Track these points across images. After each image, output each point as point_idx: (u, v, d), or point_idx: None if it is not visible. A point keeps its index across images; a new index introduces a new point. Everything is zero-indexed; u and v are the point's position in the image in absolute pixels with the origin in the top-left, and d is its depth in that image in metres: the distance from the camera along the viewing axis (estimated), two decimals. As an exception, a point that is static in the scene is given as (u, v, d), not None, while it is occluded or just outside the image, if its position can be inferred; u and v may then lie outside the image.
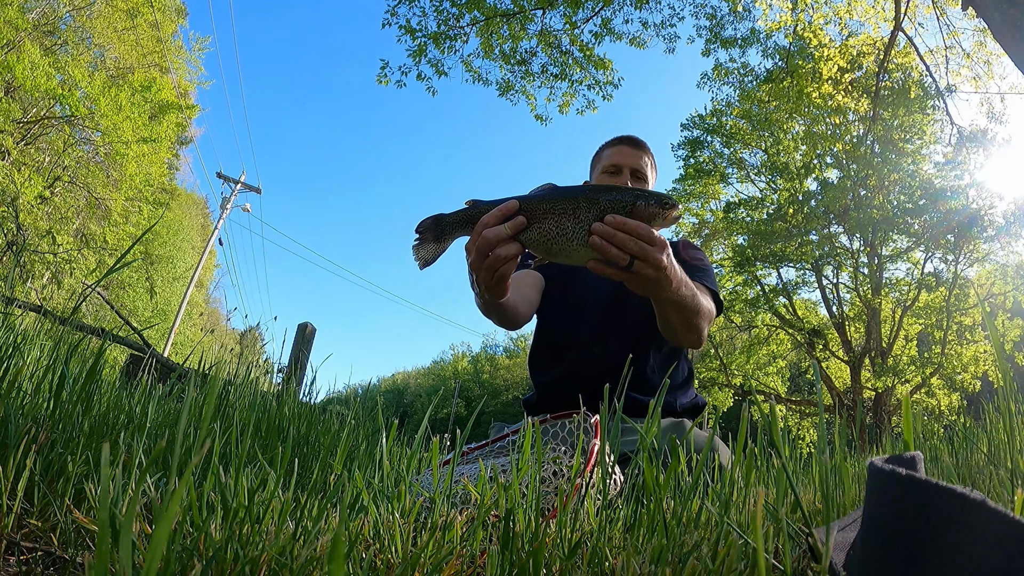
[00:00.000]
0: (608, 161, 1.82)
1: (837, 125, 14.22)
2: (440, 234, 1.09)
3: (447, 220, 1.09)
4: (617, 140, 1.88)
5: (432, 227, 1.10)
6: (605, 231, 0.95)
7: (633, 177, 1.79)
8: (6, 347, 1.03)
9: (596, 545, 0.60)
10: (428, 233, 1.10)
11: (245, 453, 0.67)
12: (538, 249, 1.01)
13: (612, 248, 0.94)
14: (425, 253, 1.10)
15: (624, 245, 0.94)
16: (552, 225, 0.99)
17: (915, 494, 0.33)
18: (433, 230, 1.10)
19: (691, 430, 0.87)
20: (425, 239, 1.11)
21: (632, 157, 1.80)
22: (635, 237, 0.94)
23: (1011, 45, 4.35)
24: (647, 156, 1.84)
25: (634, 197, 1.00)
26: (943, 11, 8.86)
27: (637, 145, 1.85)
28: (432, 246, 1.10)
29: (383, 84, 8.81)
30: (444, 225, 1.09)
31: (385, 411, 1.59)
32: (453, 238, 1.10)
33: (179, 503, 0.27)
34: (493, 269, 1.00)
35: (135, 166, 13.52)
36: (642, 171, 1.80)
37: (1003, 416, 1.01)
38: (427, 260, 1.11)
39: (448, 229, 1.09)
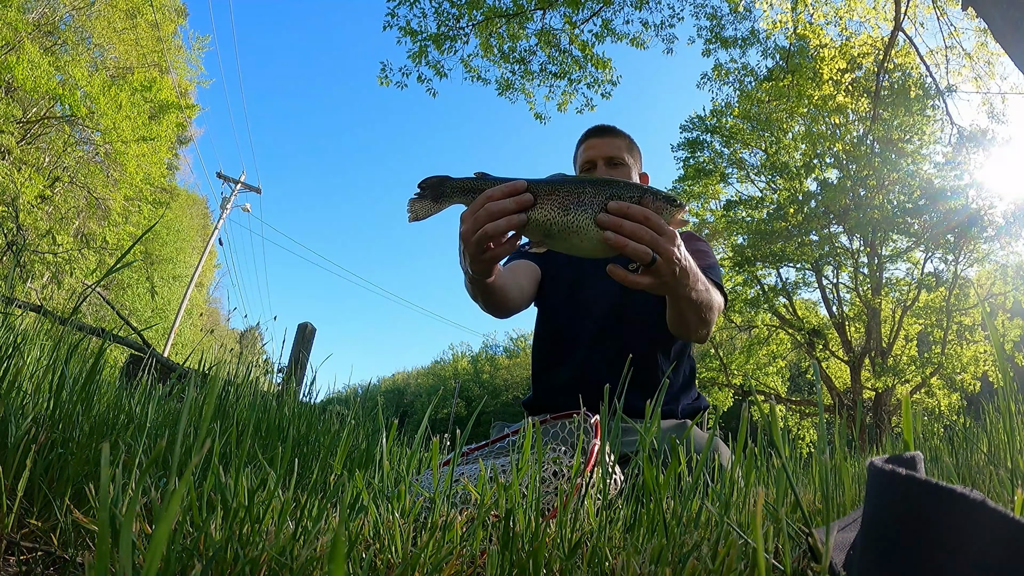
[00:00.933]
0: (582, 159, 1.73)
1: (837, 125, 14.22)
2: (440, 195, 1.08)
3: (451, 183, 1.08)
4: (585, 135, 1.77)
5: (435, 186, 1.09)
6: (612, 220, 0.91)
7: (609, 165, 1.69)
8: (6, 347, 1.03)
9: (596, 545, 0.60)
10: (429, 191, 1.09)
11: (245, 453, 0.67)
12: (537, 231, 0.99)
13: (627, 240, 0.90)
14: (419, 208, 1.09)
15: (634, 234, 0.91)
16: (555, 208, 0.97)
17: (915, 494, 0.33)
18: (435, 189, 1.08)
19: (690, 429, 0.86)
20: (424, 195, 1.09)
21: (603, 147, 1.70)
22: (644, 225, 0.91)
23: (1011, 45, 4.35)
24: (620, 140, 1.73)
25: (641, 191, 0.97)
26: (943, 11, 8.86)
27: (606, 132, 1.74)
28: (428, 203, 1.08)
29: (384, 85, 8.83)
30: (447, 187, 1.08)
31: (385, 411, 1.59)
32: (451, 203, 1.08)
33: (179, 503, 0.27)
34: (483, 241, 0.98)
35: (135, 166, 13.53)
36: (617, 157, 1.70)
37: (1003, 416, 1.01)
38: (418, 215, 1.09)
39: (450, 192, 1.08)
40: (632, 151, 1.75)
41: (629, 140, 1.76)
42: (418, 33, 8.68)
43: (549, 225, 0.97)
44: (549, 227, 0.97)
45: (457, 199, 1.07)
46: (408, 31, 8.66)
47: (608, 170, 1.67)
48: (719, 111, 15.53)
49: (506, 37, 8.90)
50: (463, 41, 8.88)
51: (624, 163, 1.70)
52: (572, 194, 0.97)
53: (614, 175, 1.65)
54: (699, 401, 1.69)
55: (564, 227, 0.96)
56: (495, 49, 8.98)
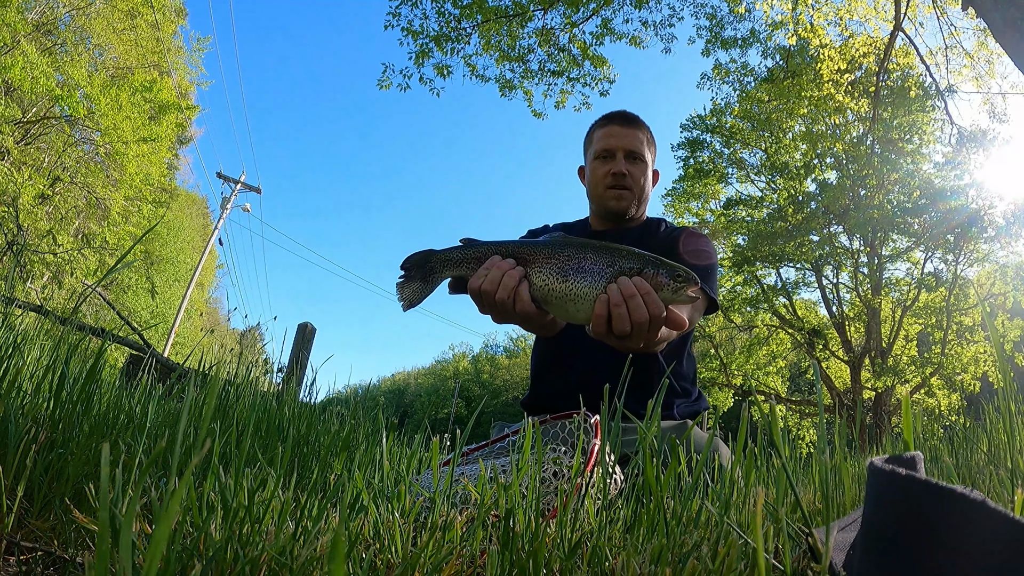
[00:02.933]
0: (599, 145, 1.65)
1: (837, 125, 14.22)
2: (428, 272, 1.00)
3: (437, 258, 0.99)
4: (607, 119, 1.68)
5: (420, 264, 1.00)
6: (615, 298, 0.88)
7: (628, 159, 1.62)
8: (6, 347, 1.03)
9: (596, 545, 0.60)
10: (416, 271, 1.00)
11: (245, 453, 0.67)
12: (537, 293, 0.94)
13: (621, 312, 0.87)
14: (410, 293, 1.00)
15: (628, 317, 0.88)
16: (553, 274, 0.92)
17: (915, 494, 0.33)
18: (421, 268, 0.99)
19: (690, 430, 0.86)
20: (411, 277, 1.00)
21: (626, 137, 1.62)
22: (640, 308, 0.88)
23: (1011, 45, 4.35)
24: (642, 132, 1.65)
25: (643, 263, 0.91)
26: (943, 11, 8.86)
27: (630, 122, 1.65)
28: (419, 285, 1.00)
29: (384, 89, 8.79)
30: (434, 263, 0.99)
31: (385, 411, 1.58)
32: (443, 278, 1.00)
33: (179, 503, 0.27)
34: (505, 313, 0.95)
35: (135, 166, 13.53)
36: (638, 151, 1.63)
37: (1003, 416, 1.01)
38: (412, 301, 1.01)
39: (438, 267, 1.00)
40: (651, 146, 1.69)
41: (650, 134, 1.69)
42: (420, 33, 8.68)
43: (547, 291, 0.92)
44: (547, 293, 0.92)
45: (448, 273, 1.00)
46: (410, 31, 8.66)
47: (627, 164, 1.61)
48: (719, 111, 15.53)
49: (506, 36, 8.91)
50: (465, 41, 8.88)
51: (643, 159, 1.64)
52: (572, 259, 0.91)
53: (631, 171, 1.62)
54: (700, 402, 1.67)
55: (562, 295, 0.91)
56: (495, 49, 8.99)
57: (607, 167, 1.63)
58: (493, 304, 0.94)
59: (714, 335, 16.09)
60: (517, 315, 0.95)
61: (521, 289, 0.93)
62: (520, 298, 0.93)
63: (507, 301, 0.93)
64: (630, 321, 0.88)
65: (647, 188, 1.68)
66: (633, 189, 1.63)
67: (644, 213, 1.75)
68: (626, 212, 1.65)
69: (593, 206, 1.74)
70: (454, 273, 0.99)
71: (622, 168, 1.60)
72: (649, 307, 0.88)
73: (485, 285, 0.93)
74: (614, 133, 1.63)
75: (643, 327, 0.88)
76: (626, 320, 0.88)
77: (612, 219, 1.68)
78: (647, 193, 1.69)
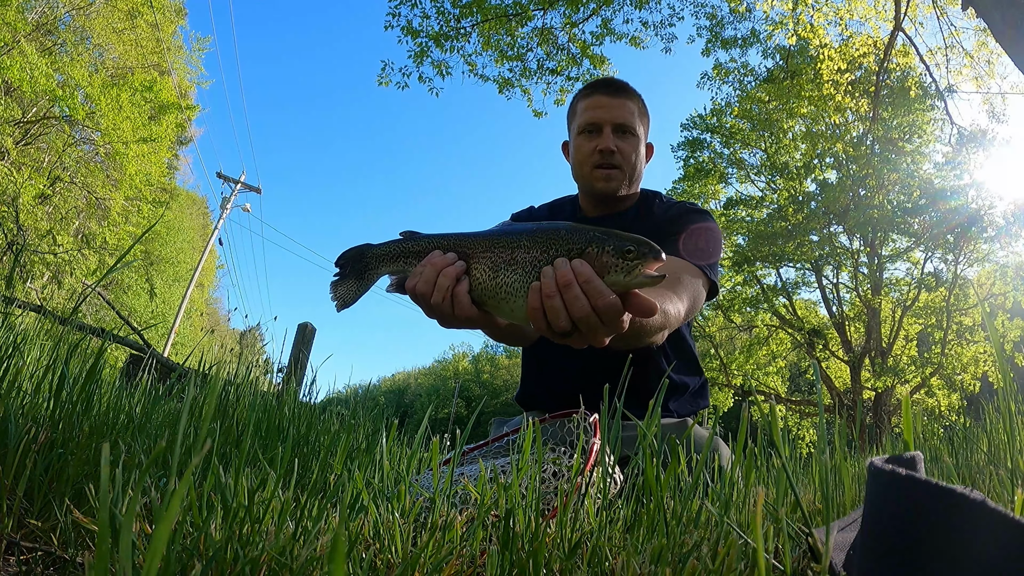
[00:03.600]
0: (584, 118, 1.46)
1: (837, 125, 14.22)
2: (364, 269, 0.92)
3: (373, 253, 0.92)
4: (591, 88, 1.50)
5: (355, 260, 0.93)
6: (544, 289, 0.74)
7: (617, 134, 1.44)
8: (6, 347, 1.03)
9: (596, 545, 0.60)
10: (350, 268, 0.93)
11: (245, 453, 0.67)
12: (474, 294, 0.83)
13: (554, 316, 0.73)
14: (344, 292, 0.93)
15: (563, 309, 0.73)
16: (486, 269, 0.82)
17: (915, 494, 0.33)
18: (356, 264, 0.92)
19: (691, 429, 0.86)
20: (346, 275, 0.93)
21: (614, 109, 1.44)
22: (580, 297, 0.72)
23: (1011, 45, 4.35)
24: (633, 102, 1.47)
25: (586, 240, 0.76)
26: (943, 11, 8.86)
27: (618, 91, 1.47)
28: (353, 284, 0.93)
29: (383, 86, 8.83)
30: (369, 259, 0.92)
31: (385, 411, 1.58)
32: (380, 275, 0.92)
33: (179, 503, 0.27)
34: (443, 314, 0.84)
35: (135, 166, 13.53)
36: (628, 124, 1.44)
37: (1003, 416, 1.01)
38: (346, 301, 0.93)
39: (374, 263, 0.92)
40: (643, 118, 1.51)
41: (641, 104, 1.51)
42: (419, 32, 8.69)
43: (482, 289, 0.82)
44: (482, 292, 0.82)
45: (385, 269, 0.92)
46: (410, 30, 8.66)
47: (616, 139, 1.44)
48: (719, 111, 15.54)
49: (506, 36, 8.92)
50: (464, 40, 8.89)
51: (634, 133, 1.46)
52: (505, 249, 0.81)
53: (621, 147, 1.45)
54: (700, 398, 1.60)
55: (494, 292, 0.81)
56: (495, 48, 8.99)
57: (593, 143, 1.45)
58: (431, 308, 0.84)
59: (714, 335, 16.10)
60: (459, 319, 0.84)
61: (459, 290, 0.81)
62: (458, 300, 0.82)
63: (443, 304, 0.82)
64: (568, 316, 0.73)
65: (639, 165, 1.51)
66: (623, 168, 1.46)
67: (637, 190, 1.59)
68: (616, 193, 1.49)
69: (580, 186, 1.59)
70: (391, 270, 0.91)
71: (610, 144, 1.43)
72: (590, 296, 0.72)
73: (419, 286, 0.83)
74: (600, 104, 1.45)
75: (589, 322, 0.72)
76: (563, 314, 0.73)
77: (601, 201, 1.53)
78: (640, 171, 1.53)
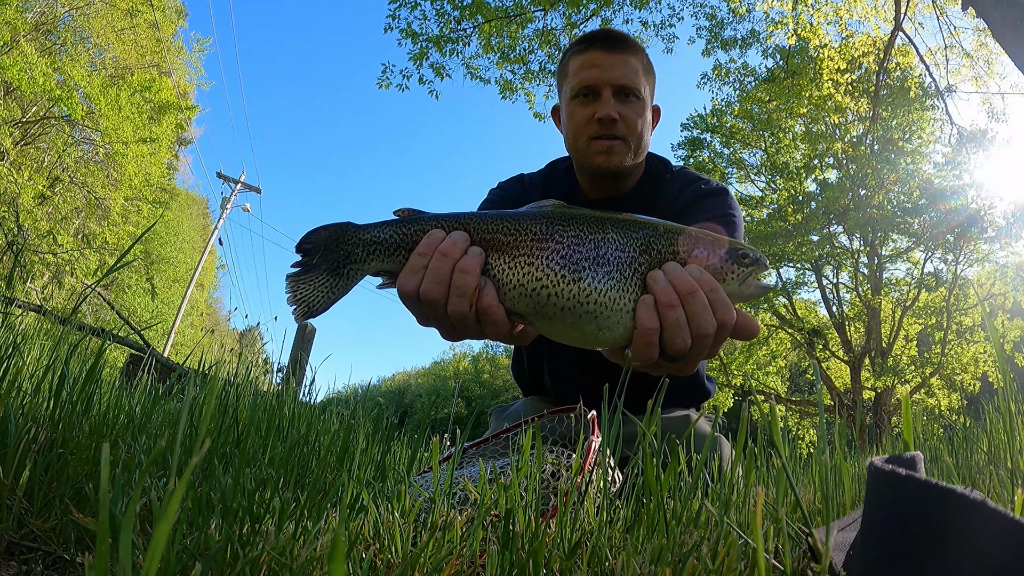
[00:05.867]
0: (578, 79, 1.21)
1: (837, 125, 14.23)
2: (344, 261, 0.60)
3: (359, 237, 0.61)
4: (585, 42, 1.23)
5: (331, 245, 0.60)
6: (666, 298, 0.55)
7: (619, 97, 1.19)
8: (6, 347, 1.03)
9: (596, 545, 0.60)
10: (320, 256, 0.60)
11: (245, 453, 0.67)
12: (522, 302, 0.59)
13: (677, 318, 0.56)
14: (311, 293, 0.60)
15: (695, 318, 0.57)
16: (554, 267, 0.57)
17: (915, 494, 0.33)
18: (332, 252, 0.60)
19: (693, 425, 0.84)
20: (314, 265, 0.61)
21: (614, 67, 1.18)
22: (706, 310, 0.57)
23: (1011, 45, 4.35)
24: (636, 59, 1.22)
25: (693, 240, 0.58)
26: (943, 11, 8.86)
27: (618, 44, 1.21)
28: (326, 280, 0.60)
29: (383, 88, 8.82)
30: (352, 245, 0.60)
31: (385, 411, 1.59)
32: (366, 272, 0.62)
33: (179, 503, 0.27)
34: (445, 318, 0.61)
35: (134, 166, 13.53)
36: (632, 85, 1.19)
37: (1003, 416, 1.01)
38: (312, 306, 0.60)
39: (359, 253, 0.60)
40: (648, 76, 1.26)
41: (646, 59, 1.26)
42: (419, 35, 8.69)
43: (543, 298, 0.57)
44: (542, 301, 0.57)
45: (376, 263, 0.61)
46: (409, 33, 8.67)
47: (618, 104, 1.19)
48: (719, 111, 15.54)
49: (507, 38, 8.92)
50: (464, 43, 8.89)
51: (639, 95, 1.21)
52: (584, 243, 0.55)
53: (624, 113, 1.19)
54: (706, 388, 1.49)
55: (573, 305, 0.56)
56: (496, 50, 8.99)
57: (590, 110, 1.20)
58: (443, 318, 0.61)
59: (714, 335, 16.09)
60: (483, 335, 0.64)
61: (486, 295, 0.59)
62: (486, 311, 0.59)
63: (467, 314, 0.60)
64: (690, 333, 0.58)
65: (645, 134, 1.26)
66: (627, 138, 1.22)
67: (643, 159, 1.34)
68: (619, 169, 1.25)
69: (575, 161, 1.34)
70: (385, 266, 0.62)
71: (611, 111, 1.18)
72: (716, 309, 0.58)
73: (427, 287, 0.59)
74: (597, 62, 1.20)
75: (707, 343, 0.59)
76: (685, 332, 0.57)
77: (602, 178, 1.30)
78: (646, 140, 1.28)
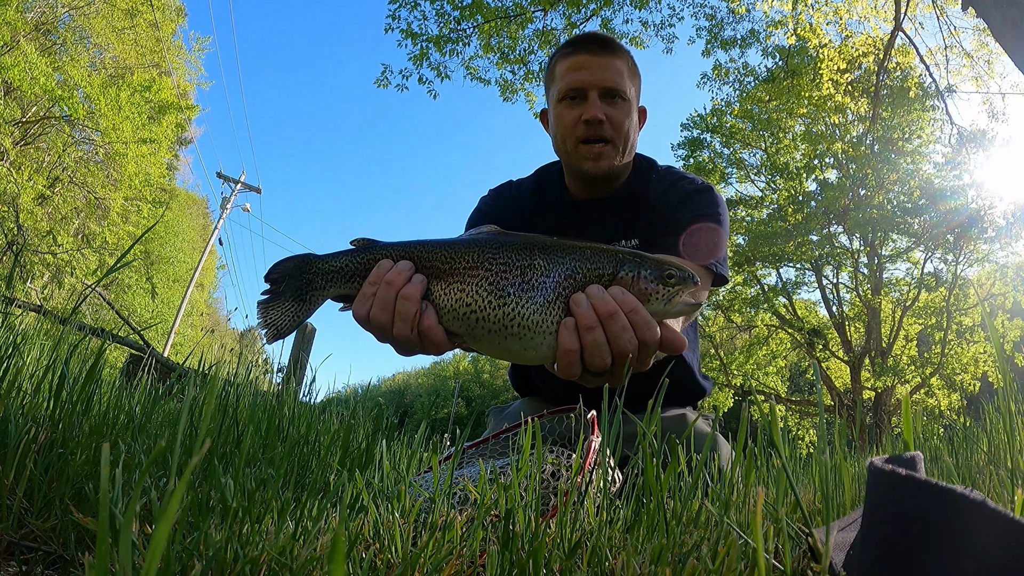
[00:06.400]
0: (565, 82, 1.24)
1: (837, 125, 14.23)
2: (307, 287, 0.72)
3: (318, 266, 0.72)
4: (572, 45, 1.27)
5: (295, 275, 0.72)
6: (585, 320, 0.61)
7: (606, 99, 1.23)
8: (6, 347, 1.03)
9: (596, 545, 0.60)
10: (286, 284, 0.72)
11: (245, 453, 0.67)
12: (456, 324, 0.67)
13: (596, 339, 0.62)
14: (279, 317, 0.71)
15: (616, 339, 0.62)
16: (483, 291, 0.64)
17: (915, 494, 0.33)
18: (295, 280, 0.72)
19: (692, 425, 0.84)
20: (280, 294, 0.73)
21: (600, 69, 1.22)
22: (626, 330, 0.62)
23: (1011, 45, 4.35)
24: (621, 61, 1.26)
25: (617, 262, 0.65)
26: (943, 11, 8.86)
27: (605, 47, 1.25)
28: (291, 307, 0.72)
29: (383, 88, 8.83)
30: (312, 274, 0.72)
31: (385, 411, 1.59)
32: (325, 297, 0.73)
33: (179, 503, 0.27)
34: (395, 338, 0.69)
35: (134, 166, 13.53)
36: (618, 87, 1.23)
37: (1003, 416, 1.01)
38: (280, 329, 0.72)
39: (320, 281, 0.72)
40: (634, 78, 1.30)
41: (631, 61, 1.30)
42: (419, 35, 8.69)
43: (473, 320, 0.65)
44: (473, 323, 0.65)
45: (334, 291, 0.72)
46: (409, 33, 8.67)
47: (605, 106, 1.22)
48: (719, 110, 15.55)
49: (507, 38, 8.91)
50: (464, 43, 8.89)
51: (625, 96, 1.25)
52: (512, 268, 0.63)
53: (611, 115, 1.23)
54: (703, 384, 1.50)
55: (499, 325, 0.64)
56: (496, 51, 8.99)
57: (577, 112, 1.23)
58: (391, 338, 0.69)
59: (714, 335, 16.09)
60: (426, 352, 0.71)
61: (426, 318, 0.67)
62: (426, 332, 0.67)
63: (409, 335, 0.68)
64: (611, 351, 0.63)
65: (632, 135, 1.30)
66: (615, 140, 1.25)
67: (630, 160, 1.38)
68: (607, 173, 1.29)
69: (564, 164, 1.38)
70: (342, 291, 0.72)
71: (598, 113, 1.21)
72: (637, 329, 0.63)
73: (375, 312, 0.68)
74: (584, 64, 1.23)
75: (629, 359, 0.65)
76: (604, 351, 0.63)
77: (591, 181, 1.34)
78: (633, 141, 1.32)
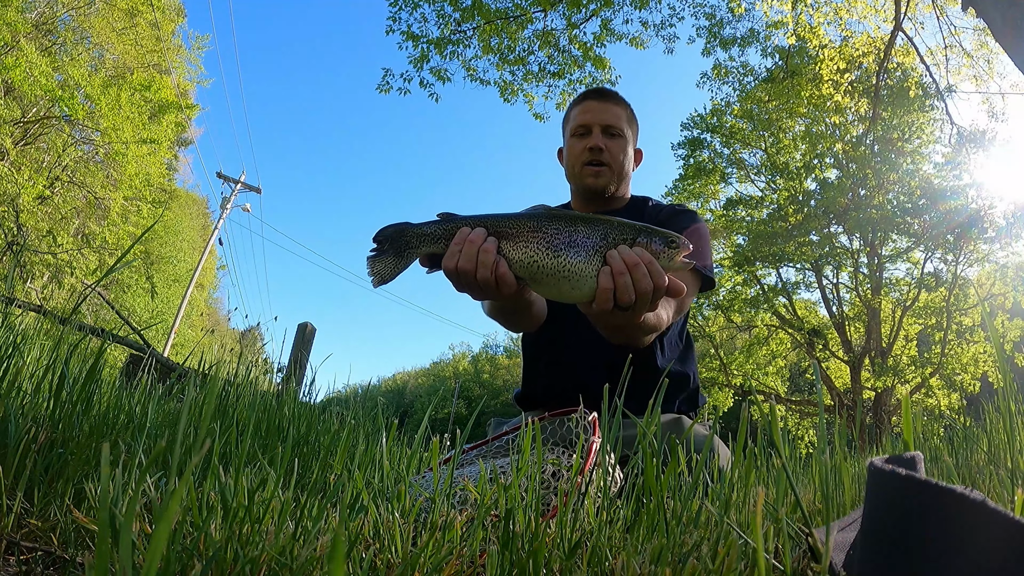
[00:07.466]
0: (576, 122, 1.63)
1: (836, 125, 14.22)
2: (403, 247, 0.96)
3: (413, 232, 0.95)
4: (583, 96, 1.67)
5: (395, 238, 0.96)
6: (618, 267, 0.86)
7: (605, 134, 1.60)
8: (6, 347, 1.03)
9: (596, 545, 0.60)
10: (389, 244, 0.96)
11: (245, 453, 0.67)
12: (523, 271, 0.91)
13: (625, 282, 0.87)
14: (382, 268, 0.96)
15: (633, 287, 0.87)
16: (541, 248, 0.88)
17: (915, 494, 0.33)
18: (395, 242, 0.96)
19: (691, 428, 0.86)
20: (384, 251, 0.96)
21: (602, 112, 1.60)
22: (645, 277, 0.87)
23: (1011, 45, 4.35)
24: (620, 108, 1.63)
25: (635, 231, 0.89)
26: (943, 11, 8.86)
27: (606, 97, 1.64)
28: (391, 260, 0.96)
29: (384, 93, 8.80)
30: (410, 237, 0.95)
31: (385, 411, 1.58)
32: (418, 254, 0.96)
33: (179, 503, 0.27)
34: (476, 289, 0.92)
35: (134, 166, 13.52)
36: (616, 126, 1.60)
37: (1003, 416, 1.01)
38: (384, 277, 0.97)
39: (414, 242, 0.95)
40: (631, 123, 1.66)
41: (630, 111, 1.67)
42: (419, 37, 8.67)
43: (535, 268, 0.89)
44: (536, 270, 0.89)
45: (425, 249, 0.95)
46: (410, 35, 8.66)
47: (604, 139, 1.59)
48: (719, 110, 15.54)
49: (507, 39, 8.91)
50: (464, 45, 8.88)
51: (622, 134, 1.61)
52: (562, 233, 0.88)
53: (609, 145, 1.59)
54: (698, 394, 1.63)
55: (554, 272, 0.88)
56: (495, 51, 8.98)
57: (584, 143, 1.60)
58: (473, 284, 0.92)
59: (714, 335, 16.10)
60: (501, 294, 0.92)
61: (501, 265, 0.90)
62: (501, 277, 0.90)
63: (489, 279, 0.90)
64: (635, 291, 0.87)
65: (627, 165, 1.65)
66: (612, 165, 1.60)
67: (627, 193, 1.73)
68: (605, 190, 1.62)
69: (572, 186, 1.71)
70: (430, 250, 0.95)
71: (599, 143, 1.57)
72: (653, 276, 0.88)
73: (462, 263, 0.90)
74: (590, 108, 1.61)
75: (647, 298, 0.88)
76: (631, 290, 0.87)
77: (592, 198, 1.65)
78: (627, 171, 1.66)
